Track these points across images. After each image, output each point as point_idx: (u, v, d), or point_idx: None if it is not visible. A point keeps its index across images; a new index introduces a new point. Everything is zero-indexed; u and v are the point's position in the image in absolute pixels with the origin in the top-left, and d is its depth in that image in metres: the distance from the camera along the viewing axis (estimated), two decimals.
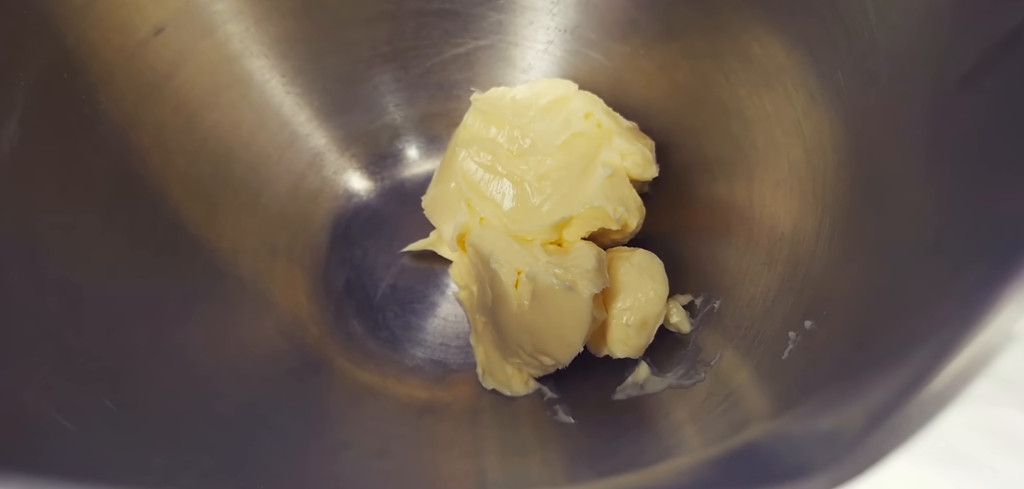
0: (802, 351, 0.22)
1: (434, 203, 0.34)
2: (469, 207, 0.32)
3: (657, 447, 0.24)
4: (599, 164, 0.32)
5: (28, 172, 0.23)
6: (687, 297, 0.31)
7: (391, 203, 0.38)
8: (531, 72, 0.37)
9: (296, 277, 0.34)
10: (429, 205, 0.35)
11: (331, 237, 0.37)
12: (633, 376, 0.29)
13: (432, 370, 0.34)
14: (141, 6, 0.28)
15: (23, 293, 0.22)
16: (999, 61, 0.18)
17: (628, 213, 0.31)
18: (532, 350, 0.30)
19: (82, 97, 0.26)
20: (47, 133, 0.24)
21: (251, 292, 0.31)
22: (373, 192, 0.38)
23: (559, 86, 0.35)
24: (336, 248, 0.36)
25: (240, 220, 0.32)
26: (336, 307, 0.35)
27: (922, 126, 0.20)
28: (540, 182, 0.32)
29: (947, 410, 0.14)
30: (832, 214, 0.24)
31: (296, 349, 0.31)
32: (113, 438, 0.21)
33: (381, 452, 0.27)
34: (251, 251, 0.32)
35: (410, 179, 0.39)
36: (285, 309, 0.32)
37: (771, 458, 0.16)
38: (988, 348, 0.14)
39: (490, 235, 0.31)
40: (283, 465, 0.24)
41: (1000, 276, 0.15)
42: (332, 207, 0.37)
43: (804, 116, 0.26)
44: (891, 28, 0.22)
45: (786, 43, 0.26)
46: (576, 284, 0.27)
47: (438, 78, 0.37)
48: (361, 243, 0.37)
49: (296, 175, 0.36)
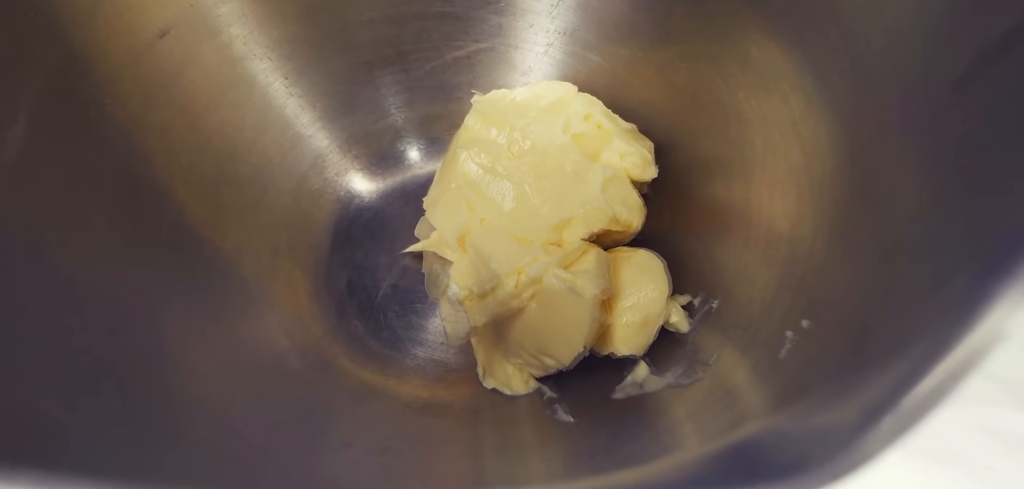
0: (799, 350, 0.22)
1: (435, 204, 0.35)
2: (470, 208, 0.32)
3: (656, 445, 0.24)
4: (599, 165, 0.32)
5: (35, 173, 0.23)
6: (686, 297, 0.31)
7: (393, 204, 0.39)
8: (531, 74, 0.37)
9: (298, 277, 0.34)
10: (430, 206, 0.35)
11: (333, 238, 0.37)
12: (632, 375, 0.30)
13: (433, 370, 0.34)
14: (146, 9, 0.28)
15: (29, 292, 0.22)
16: (993, 64, 0.18)
17: (631, 213, 0.32)
18: (534, 351, 0.30)
19: (88, 99, 0.26)
20: (54, 135, 0.24)
21: (254, 292, 0.32)
22: (375, 193, 0.38)
23: (559, 88, 0.35)
24: (338, 249, 0.37)
25: (243, 221, 0.32)
26: (338, 307, 0.35)
27: (917, 128, 0.20)
28: (540, 183, 0.32)
29: (941, 408, 0.14)
30: (829, 215, 0.24)
31: (298, 349, 0.31)
32: (117, 436, 0.21)
33: (383, 451, 0.27)
34: (254, 251, 0.33)
35: (411, 180, 0.39)
36: (287, 309, 0.33)
37: (768, 455, 0.17)
38: (981, 346, 0.14)
39: (491, 236, 0.31)
40: (285, 463, 0.25)
41: (993, 276, 0.15)
42: (334, 208, 0.37)
43: (801, 118, 0.26)
44: (887, 32, 0.22)
45: (783, 46, 0.26)
46: (580, 287, 0.27)
47: (439, 80, 0.38)
48: (363, 244, 0.37)
49: (298, 176, 0.36)
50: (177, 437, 0.23)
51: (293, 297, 0.33)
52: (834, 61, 0.24)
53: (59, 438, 0.19)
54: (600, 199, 0.31)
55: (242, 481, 0.23)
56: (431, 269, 0.32)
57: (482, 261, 0.31)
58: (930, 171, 0.20)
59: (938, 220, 0.19)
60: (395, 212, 0.38)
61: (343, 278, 0.36)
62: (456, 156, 0.34)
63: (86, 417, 0.21)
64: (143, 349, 0.25)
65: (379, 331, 0.35)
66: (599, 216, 0.31)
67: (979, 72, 0.19)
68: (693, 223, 0.33)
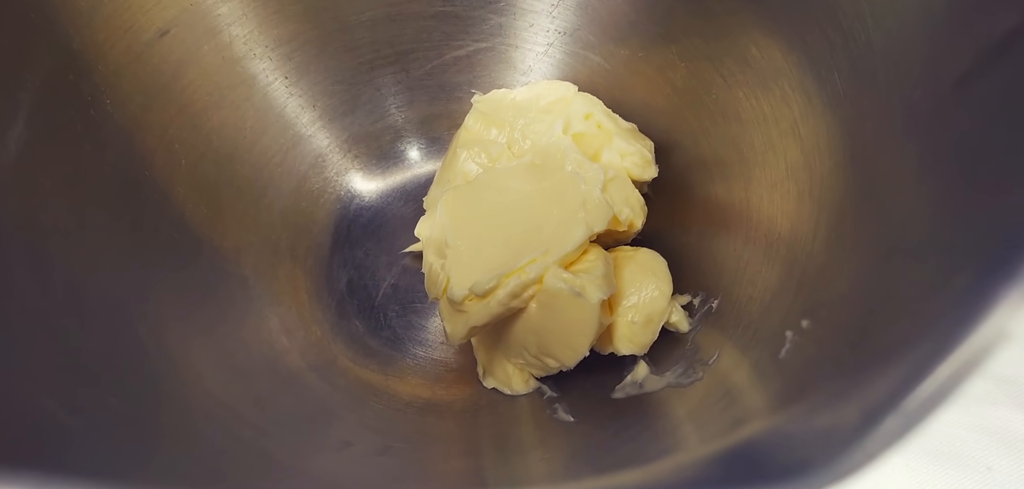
0: (799, 350, 0.22)
1: (435, 204, 0.35)
2: (470, 208, 0.32)
3: (656, 445, 0.24)
4: (600, 165, 0.32)
5: (34, 173, 0.23)
6: (686, 297, 0.31)
7: (393, 204, 0.39)
8: (531, 74, 0.37)
9: (298, 277, 0.34)
10: (430, 206, 0.35)
11: (333, 238, 0.37)
12: (632, 375, 0.30)
13: (433, 369, 0.34)
14: (146, 8, 0.28)
15: (29, 293, 0.22)
16: (993, 64, 0.18)
17: (632, 213, 0.32)
18: (537, 352, 0.30)
19: (88, 99, 0.26)
20: (53, 134, 0.24)
21: (254, 292, 0.32)
22: (375, 193, 0.39)
23: (559, 88, 0.35)
24: (338, 249, 0.37)
25: (243, 221, 0.32)
26: (338, 307, 0.35)
27: (918, 128, 0.20)
28: (541, 183, 0.32)
29: (942, 409, 0.14)
30: (828, 215, 0.24)
31: (298, 348, 0.31)
32: (118, 436, 0.21)
33: (383, 450, 0.27)
34: (254, 251, 0.33)
35: (412, 180, 0.39)
36: (287, 309, 0.33)
37: (768, 456, 0.17)
38: (983, 347, 0.14)
39: (491, 235, 0.31)
40: (285, 463, 0.25)
41: (994, 276, 0.15)
42: (334, 208, 0.37)
43: (801, 118, 0.26)
44: (887, 31, 0.22)
45: (783, 46, 0.26)
46: (585, 289, 0.27)
47: (439, 80, 0.38)
48: (363, 244, 0.37)
49: (299, 176, 0.36)
50: (178, 437, 0.23)
51: (294, 297, 0.33)
52: (834, 61, 0.24)
53: (59, 438, 0.19)
54: (601, 199, 0.31)
55: (242, 481, 0.23)
56: (431, 269, 0.32)
57: (482, 261, 0.31)
58: (930, 171, 0.20)
59: (939, 220, 0.19)
60: (395, 212, 0.38)
61: (343, 278, 0.36)
62: (456, 156, 0.34)
63: (88, 418, 0.21)
64: (144, 349, 0.25)
65: (379, 330, 0.35)
66: (600, 216, 0.31)
67: (979, 72, 0.19)
68: (693, 223, 0.33)
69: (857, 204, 0.23)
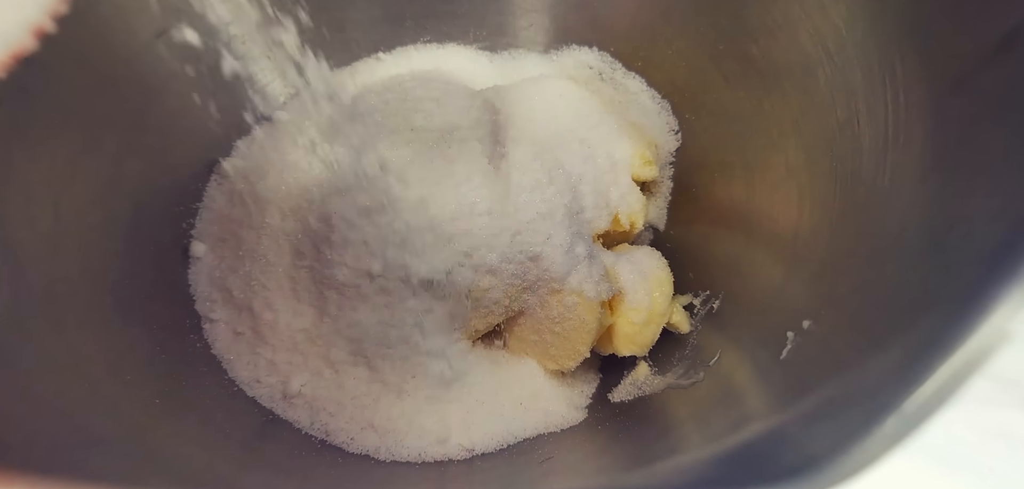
0: (801, 351, 0.22)
1: None
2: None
3: (659, 445, 0.24)
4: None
5: (34, 173, 0.23)
6: (687, 297, 0.31)
7: None
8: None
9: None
10: None
11: None
12: (632, 376, 0.29)
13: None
14: (147, 8, 0.28)
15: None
16: (993, 65, 0.18)
17: (633, 212, 0.32)
18: (537, 354, 0.30)
19: (88, 99, 0.26)
20: (53, 134, 0.24)
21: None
22: None
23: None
24: None
25: None
26: None
27: (918, 128, 0.20)
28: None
29: (943, 409, 0.14)
30: (829, 215, 0.24)
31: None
32: (118, 436, 0.21)
33: None
34: None
35: None
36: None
37: (770, 456, 0.17)
38: (984, 347, 0.14)
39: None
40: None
41: (995, 276, 0.15)
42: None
43: (801, 118, 0.26)
44: (886, 32, 0.22)
45: (783, 45, 0.26)
46: (585, 291, 0.27)
47: None
48: None
49: None
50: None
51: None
52: (834, 60, 0.24)
53: (60, 438, 0.19)
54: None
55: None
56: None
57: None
58: (930, 171, 0.20)
59: (939, 221, 0.19)
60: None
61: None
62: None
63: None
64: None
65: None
66: (601, 215, 0.31)
67: (979, 73, 0.19)
68: (694, 223, 0.33)
69: (857, 205, 0.23)
